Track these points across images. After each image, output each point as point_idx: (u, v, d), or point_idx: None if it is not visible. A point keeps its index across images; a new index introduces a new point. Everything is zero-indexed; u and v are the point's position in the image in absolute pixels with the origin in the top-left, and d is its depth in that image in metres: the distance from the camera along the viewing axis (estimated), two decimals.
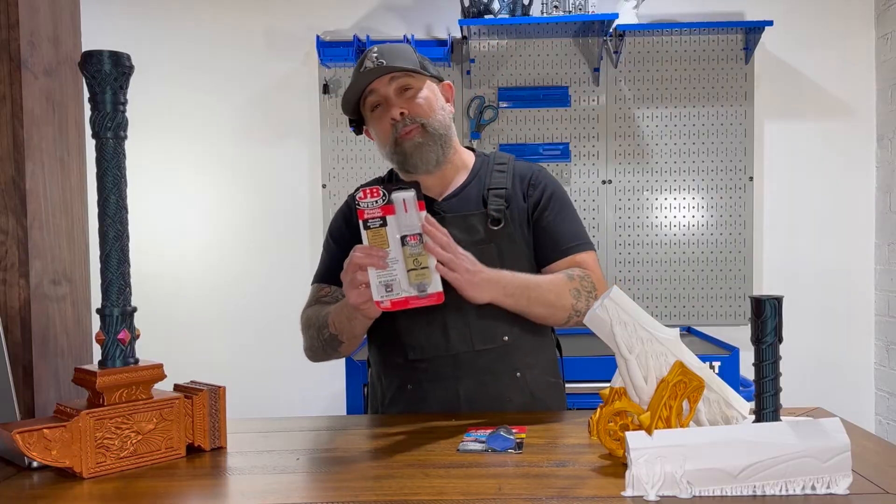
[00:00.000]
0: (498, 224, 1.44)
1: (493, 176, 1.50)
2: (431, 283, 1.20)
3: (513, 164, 1.54)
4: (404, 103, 1.43)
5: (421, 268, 1.19)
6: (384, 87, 1.44)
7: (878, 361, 3.18)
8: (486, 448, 1.11)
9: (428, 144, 1.43)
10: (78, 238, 1.36)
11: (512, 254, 1.44)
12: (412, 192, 1.20)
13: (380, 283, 1.19)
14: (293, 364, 3.26)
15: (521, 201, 1.49)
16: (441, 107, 1.48)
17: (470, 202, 1.48)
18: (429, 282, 1.19)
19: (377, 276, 1.19)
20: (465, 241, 1.39)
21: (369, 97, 1.46)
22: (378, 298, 1.19)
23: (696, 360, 1.03)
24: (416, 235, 1.19)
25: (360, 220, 1.19)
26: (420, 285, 1.19)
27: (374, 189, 1.19)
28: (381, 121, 1.46)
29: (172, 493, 0.97)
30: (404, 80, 1.44)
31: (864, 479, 0.94)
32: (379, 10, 3.23)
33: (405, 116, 1.42)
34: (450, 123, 1.49)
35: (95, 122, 1.07)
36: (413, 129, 1.42)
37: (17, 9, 1.23)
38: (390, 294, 1.18)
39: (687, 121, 3.17)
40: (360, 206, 1.19)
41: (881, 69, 3.13)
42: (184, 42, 3.25)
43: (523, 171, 1.52)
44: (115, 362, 1.07)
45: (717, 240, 3.18)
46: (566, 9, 2.99)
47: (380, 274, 1.19)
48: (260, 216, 3.29)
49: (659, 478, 0.89)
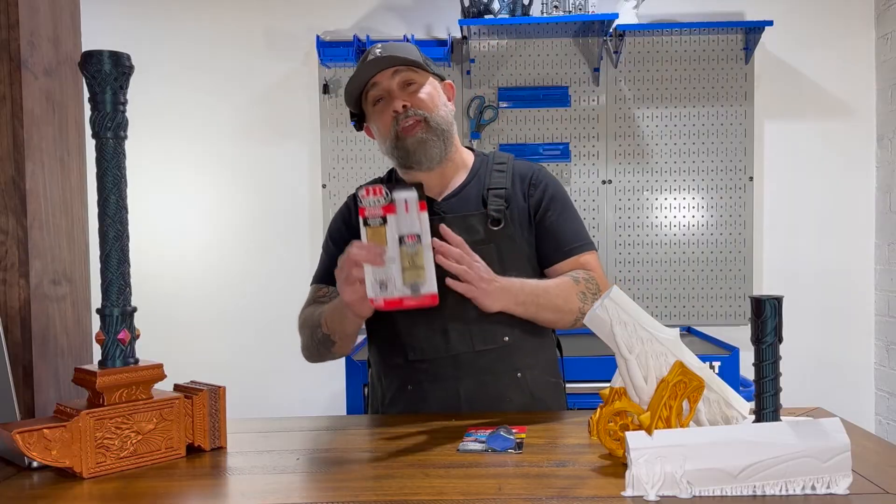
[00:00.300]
0: (498, 224, 1.44)
1: (493, 176, 1.50)
2: (426, 284, 1.19)
3: (512, 163, 1.53)
4: (407, 97, 1.43)
5: (416, 267, 1.19)
6: (387, 80, 1.43)
7: (878, 361, 3.18)
8: (486, 448, 1.11)
9: (431, 140, 1.42)
10: (78, 238, 1.36)
11: (512, 254, 1.44)
12: (414, 193, 1.20)
13: (375, 280, 1.19)
14: (293, 364, 3.25)
15: (522, 201, 1.48)
16: (444, 103, 1.48)
17: (470, 202, 1.47)
18: (423, 282, 1.19)
19: (373, 273, 1.19)
20: (465, 242, 1.39)
21: (372, 90, 1.45)
22: (372, 296, 1.19)
23: (696, 360, 1.03)
24: (415, 236, 1.19)
25: (361, 218, 1.20)
26: (414, 285, 1.19)
27: (377, 188, 1.19)
28: (382, 114, 1.45)
29: (172, 493, 0.97)
30: (408, 74, 1.43)
31: (864, 479, 0.94)
32: (379, 10, 3.23)
33: (407, 109, 1.42)
34: (452, 120, 1.49)
35: (95, 122, 1.07)
36: (415, 122, 1.41)
37: (17, 9, 1.23)
38: (384, 292, 1.18)
39: (687, 121, 3.17)
40: (361, 204, 1.19)
41: (881, 69, 3.13)
42: (184, 42, 3.25)
43: (523, 170, 1.52)
44: (115, 362, 1.07)
45: (717, 240, 3.18)
46: (566, 9, 2.99)
47: (376, 271, 1.19)
48: (260, 216, 3.29)
49: (659, 478, 0.89)
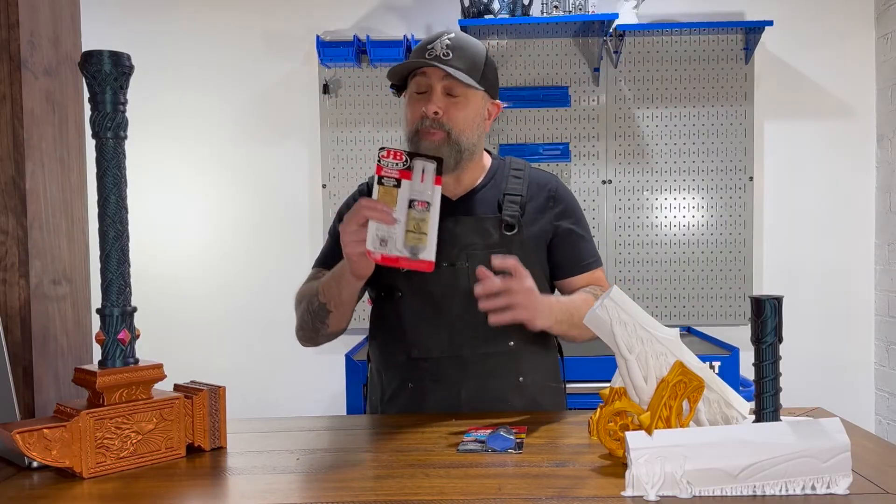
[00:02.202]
0: (511, 230, 1.44)
1: (510, 181, 1.49)
2: (426, 250, 1.22)
3: (528, 170, 1.53)
4: (444, 105, 1.38)
5: (419, 232, 1.21)
6: (436, 79, 1.38)
7: (878, 361, 3.18)
8: (485, 448, 1.11)
9: (446, 152, 1.38)
10: (78, 238, 1.36)
11: (523, 261, 1.39)
12: (433, 164, 1.23)
13: (376, 236, 1.20)
14: (293, 364, 3.27)
15: (539, 211, 1.48)
16: (478, 125, 1.44)
17: (484, 205, 1.47)
18: (423, 247, 1.22)
19: (375, 229, 1.20)
20: (478, 245, 1.40)
21: (418, 77, 1.42)
22: (371, 248, 1.20)
23: (696, 360, 1.03)
24: (425, 203, 1.22)
25: (376, 175, 1.22)
26: (413, 248, 1.21)
27: (398, 152, 1.23)
28: (415, 105, 1.41)
29: (172, 494, 0.97)
30: (456, 83, 1.38)
31: (864, 479, 0.94)
32: (379, 10, 3.23)
33: (438, 116, 1.38)
34: (478, 142, 1.46)
35: (95, 122, 1.07)
36: (437, 134, 1.38)
37: (17, 9, 1.23)
38: (383, 248, 1.20)
39: (687, 121, 3.17)
40: (380, 163, 1.21)
41: (881, 69, 3.13)
42: (184, 42, 3.25)
43: (541, 180, 1.52)
44: (115, 362, 1.08)
45: (717, 240, 3.18)
46: (566, 9, 2.99)
47: (379, 227, 1.20)
48: (260, 216, 3.29)
49: (659, 478, 0.89)
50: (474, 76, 1.39)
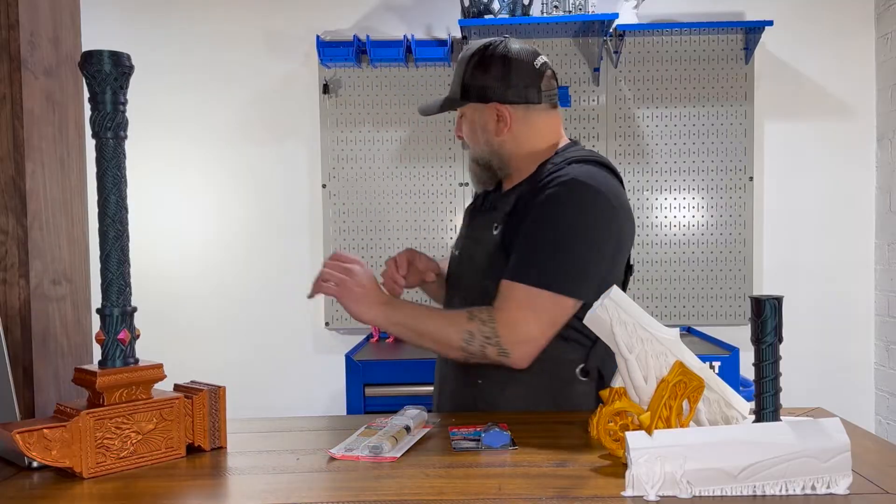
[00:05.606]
0: (496, 230, 1.41)
1: (527, 184, 1.41)
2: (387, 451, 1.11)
3: (550, 173, 1.37)
4: (460, 126, 1.49)
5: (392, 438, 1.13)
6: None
7: (878, 361, 3.18)
8: (479, 446, 1.11)
9: (474, 169, 1.49)
10: (78, 238, 1.36)
11: (499, 261, 1.36)
12: (424, 415, 1.25)
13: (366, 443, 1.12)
14: (293, 364, 3.28)
15: (524, 214, 1.36)
16: (479, 136, 1.43)
17: (509, 202, 1.41)
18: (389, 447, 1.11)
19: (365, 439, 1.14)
20: (472, 237, 1.48)
21: None
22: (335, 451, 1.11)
23: (696, 360, 1.03)
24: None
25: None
26: (377, 448, 1.09)
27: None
28: None
29: (172, 494, 0.97)
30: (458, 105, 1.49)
31: (864, 479, 0.94)
32: (379, 10, 3.23)
33: (462, 139, 1.49)
34: (496, 150, 1.43)
35: (95, 122, 1.07)
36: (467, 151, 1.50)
37: (17, 9, 1.23)
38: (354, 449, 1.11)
39: (687, 121, 3.17)
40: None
41: (881, 69, 3.13)
42: (184, 42, 3.25)
43: (549, 183, 1.35)
44: (115, 362, 1.07)
45: (717, 240, 3.18)
46: (566, 9, 2.99)
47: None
48: (260, 216, 3.29)
49: (659, 478, 0.89)
50: (455, 91, 1.44)
